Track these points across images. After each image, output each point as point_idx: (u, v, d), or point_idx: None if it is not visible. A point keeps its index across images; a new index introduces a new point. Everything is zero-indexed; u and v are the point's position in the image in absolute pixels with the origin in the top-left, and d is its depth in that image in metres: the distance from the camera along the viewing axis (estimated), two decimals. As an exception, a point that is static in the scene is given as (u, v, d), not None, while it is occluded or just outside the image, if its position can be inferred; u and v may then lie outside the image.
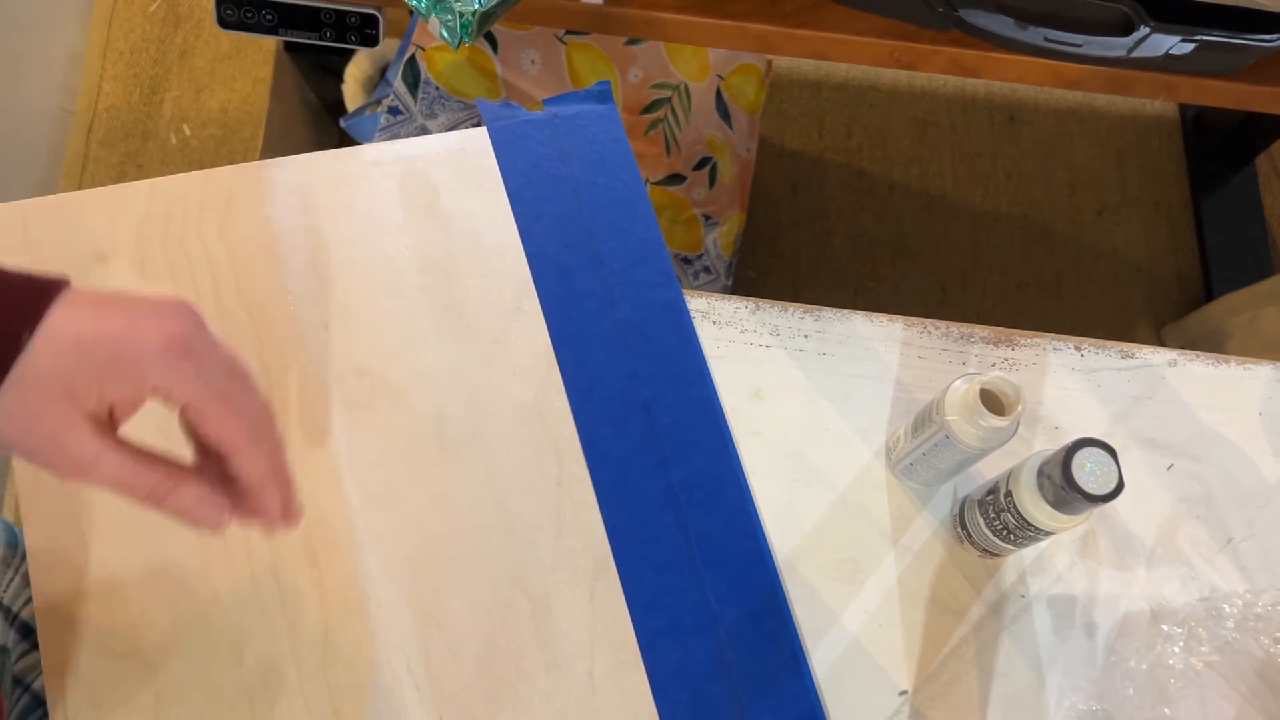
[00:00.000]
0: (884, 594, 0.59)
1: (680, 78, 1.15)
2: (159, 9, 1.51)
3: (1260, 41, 0.78)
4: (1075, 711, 0.57)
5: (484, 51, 1.01)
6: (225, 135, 1.46)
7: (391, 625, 0.53)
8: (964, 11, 0.79)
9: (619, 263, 0.63)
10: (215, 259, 0.59)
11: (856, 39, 0.84)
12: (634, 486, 0.57)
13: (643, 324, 0.61)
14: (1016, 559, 0.60)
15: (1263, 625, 0.59)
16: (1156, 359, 0.66)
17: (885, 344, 0.65)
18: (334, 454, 0.56)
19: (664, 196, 1.18)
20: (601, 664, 0.54)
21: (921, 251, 1.50)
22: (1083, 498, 0.48)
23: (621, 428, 0.59)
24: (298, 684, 0.52)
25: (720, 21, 0.84)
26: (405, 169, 0.64)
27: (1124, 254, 1.52)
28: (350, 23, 0.90)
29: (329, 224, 0.62)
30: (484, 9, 0.71)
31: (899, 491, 0.61)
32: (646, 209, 0.65)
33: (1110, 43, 0.78)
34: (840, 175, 1.53)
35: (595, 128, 0.66)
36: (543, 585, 0.55)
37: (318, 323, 0.59)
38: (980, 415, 0.51)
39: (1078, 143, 1.58)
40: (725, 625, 0.55)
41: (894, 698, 0.57)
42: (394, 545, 0.55)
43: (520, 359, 0.60)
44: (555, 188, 0.64)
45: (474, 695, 0.53)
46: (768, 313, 0.65)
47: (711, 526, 0.57)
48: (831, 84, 1.57)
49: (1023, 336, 0.66)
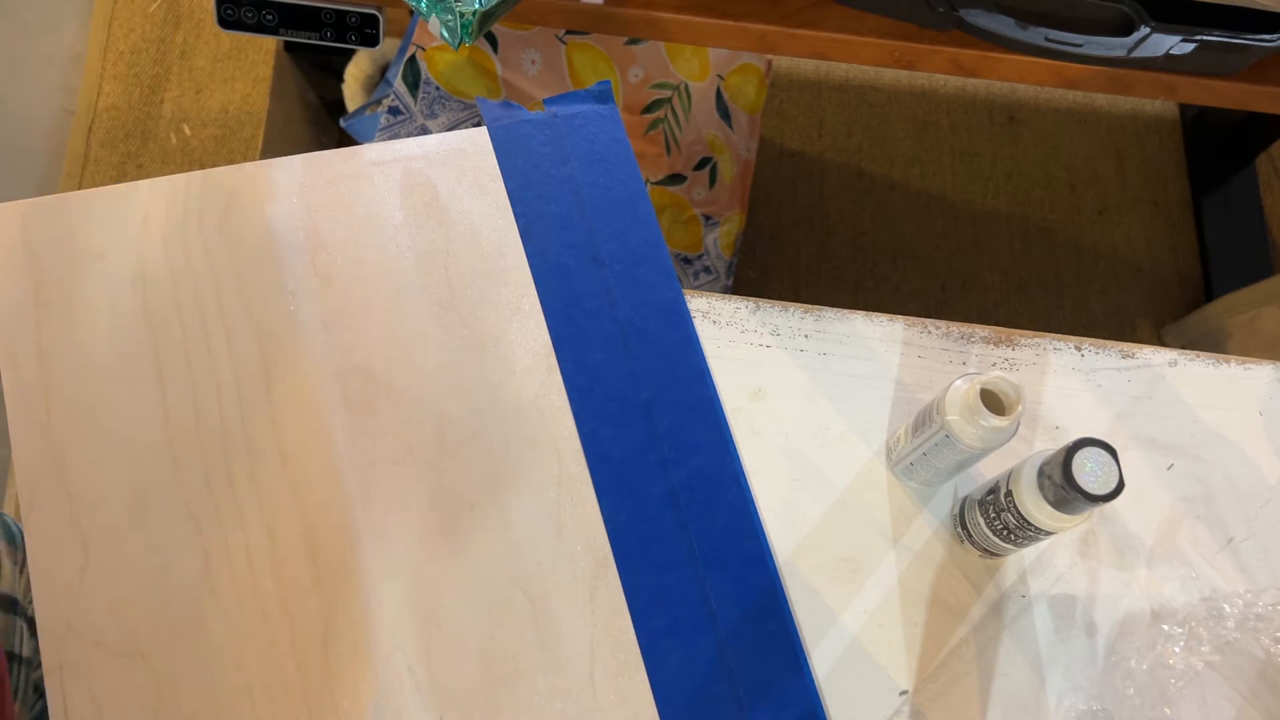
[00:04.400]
0: (884, 594, 0.59)
1: (680, 78, 1.15)
2: (159, 9, 1.51)
3: (1260, 41, 0.78)
4: (1075, 711, 0.57)
5: (484, 51, 1.01)
6: (225, 135, 1.46)
7: (391, 625, 0.53)
8: (964, 11, 0.79)
9: (619, 263, 0.63)
10: (215, 259, 0.59)
11: (856, 39, 0.84)
12: (634, 486, 0.57)
13: (643, 324, 0.61)
14: (1017, 559, 0.60)
15: (1263, 625, 0.59)
16: (1156, 359, 0.66)
17: (885, 344, 0.65)
18: (334, 454, 0.56)
19: (664, 196, 1.18)
20: (601, 664, 0.54)
21: (921, 251, 1.50)
22: (1083, 498, 0.48)
23: (621, 428, 0.59)
24: (298, 684, 0.52)
25: (720, 21, 0.84)
26: (405, 169, 0.64)
27: (1124, 254, 1.52)
28: (350, 23, 0.90)
29: (329, 224, 0.62)
30: (484, 9, 0.71)
31: (899, 491, 0.61)
32: (647, 209, 0.65)
33: (1110, 43, 0.78)
34: (840, 175, 1.53)
35: (596, 127, 0.66)
36: (543, 585, 0.55)
37: (318, 323, 0.59)
38: (980, 415, 0.51)
39: (1078, 143, 1.58)
40: (725, 625, 0.55)
41: (894, 698, 0.57)
42: (394, 545, 0.55)
43: (520, 359, 0.60)
44: (555, 188, 0.64)
45: (474, 695, 0.53)
46: (768, 313, 0.65)
47: (711, 526, 0.57)
48: (831, 84, 1.57)
49: (1023, 336, 0.66)
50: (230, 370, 0.57)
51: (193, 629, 0.52)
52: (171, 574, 0.53)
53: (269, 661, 0.52)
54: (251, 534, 0.54)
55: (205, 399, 0.56)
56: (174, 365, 0.57)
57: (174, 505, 0.54)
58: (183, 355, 0.57)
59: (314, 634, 0.53)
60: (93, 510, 0.53)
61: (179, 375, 0.57)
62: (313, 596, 0.53)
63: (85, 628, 0.51)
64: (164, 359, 0.57)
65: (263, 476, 0.55)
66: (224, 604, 0.53)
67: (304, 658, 0.52)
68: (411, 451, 0.57)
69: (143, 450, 0.55)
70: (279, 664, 0.52)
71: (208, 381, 0.57)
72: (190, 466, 0.55)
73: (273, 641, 0.52)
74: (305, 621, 0.53)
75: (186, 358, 0.57)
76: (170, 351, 0.57)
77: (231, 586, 0.53)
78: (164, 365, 0.57)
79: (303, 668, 0.52)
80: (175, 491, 0.54)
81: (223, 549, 0.54)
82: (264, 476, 0.55)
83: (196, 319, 0.58)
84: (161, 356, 0.57)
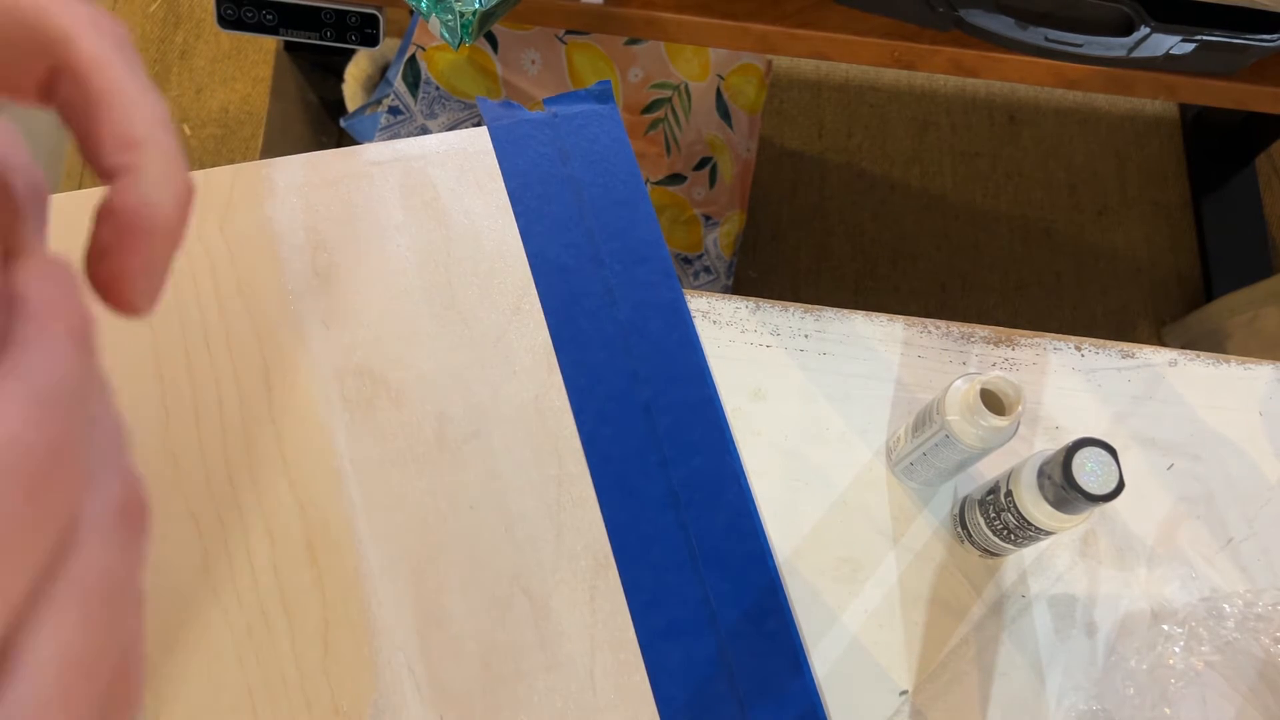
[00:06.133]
0: (884, 594, 0.59)
1: (680, 78, 1.15)
2: (159, 9, 1.51)
3: (1260, 41, 0.78)
4: (1075, 711, 0.57)
5: (484, 51, 1.01)
6: (225, 135, 1.46)
7: (391, 625, 0.53)
8: (964, 11, 0.79)
9: (619, 263, 0.63)
10: (215, 258, 0.59)
11: (856, 39, 0.84)
12: (634, 486, 0.57)
13: (643, 324, 0.61)
14: (1017, 559, 0.60)
15: (1263, 625, 0.59)
16: (1156, 359, 0.66)
17: (885, 344, 0.65)
18: (334, 454, 0.56)
19: (664, 196, 1.18)
20: (601, 664, 0.54)
21: (921, 251, 1.50)
22: (1083, 497, 0.48)
23: (621, 428, 0.59)
24: (298, 684, 0.52)
25: (720, 21, 0.84)
26: (405, 169, 0.64)
27: (1124, 254, 1.52)
28: (350, 23, 0.90)
29: (329, 224, 0.62)
30: (484, 9, 0.71)
31: (899, 491, 0.61)
32: (647, 209, 0.65)
33: (1110, 43, 0.78)
34: (840, 175, 1.53)
35: (596, 127, 0.66)
36: (543, 585, 0.55)
37: (318, 323, 0.59)
38: (981, 415, 0.51)
39: (1078, 143, 1.58)
40: (725, 625, 0.55)
41: (894, 698, 0.57)
42: (394, 545, 0.55)
43: (520, 359, 0.60)
44: (555, 187, 0.64)
45: (474, 695, 0.53)
46: (768, 313, 0.65)
47: (711, 526, 0.57)
48: (831, 84, 1.57)
49: (1023, 336, 0.66)
50: (230, 370, 0.57)
51: (192, 628, 0.52)
52: (171, 572, 0.53)
53: (269, 661, 0.52)
54: (251, 534, 0.54)
55: (205, 399, 0.56)
56: (174, 365, 0.57)
57: (174, 505, 0.54)
58: (183, 355, 0.57)
59: (314, 634, 0.53)
60: (93, 510, 0.53)
61: (179, 375, 0.57)
62: (313, 596, 0.53)
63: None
64: (164, 359, 0.57)
65: (263, 476, 0.55)
66: (224, 604, 0.53)
67: (304, 658, 0.52)
68: (411, 451, 0.57)
69: (142, 450, 0.55)
70: (279, 664, 0.52)
71: (208, 381, 0.57)
72: (190, 466, 0.55)
73: (273, 641, 0.52)
74: (305, 621, 0.53)
75: (186, 357, 0.57)
76: (170, 351, 0.57)
77: (231, 586, 0.53)
78: (164, 365, 0.57)
79: (303, 668, 0.52)
80: (175, 491, 0.54)
81: (223, 549, 0.54)
82: (264, 476, 0.55)
83: (196, 319, 0.58)
84: (161, 356, 0.57)
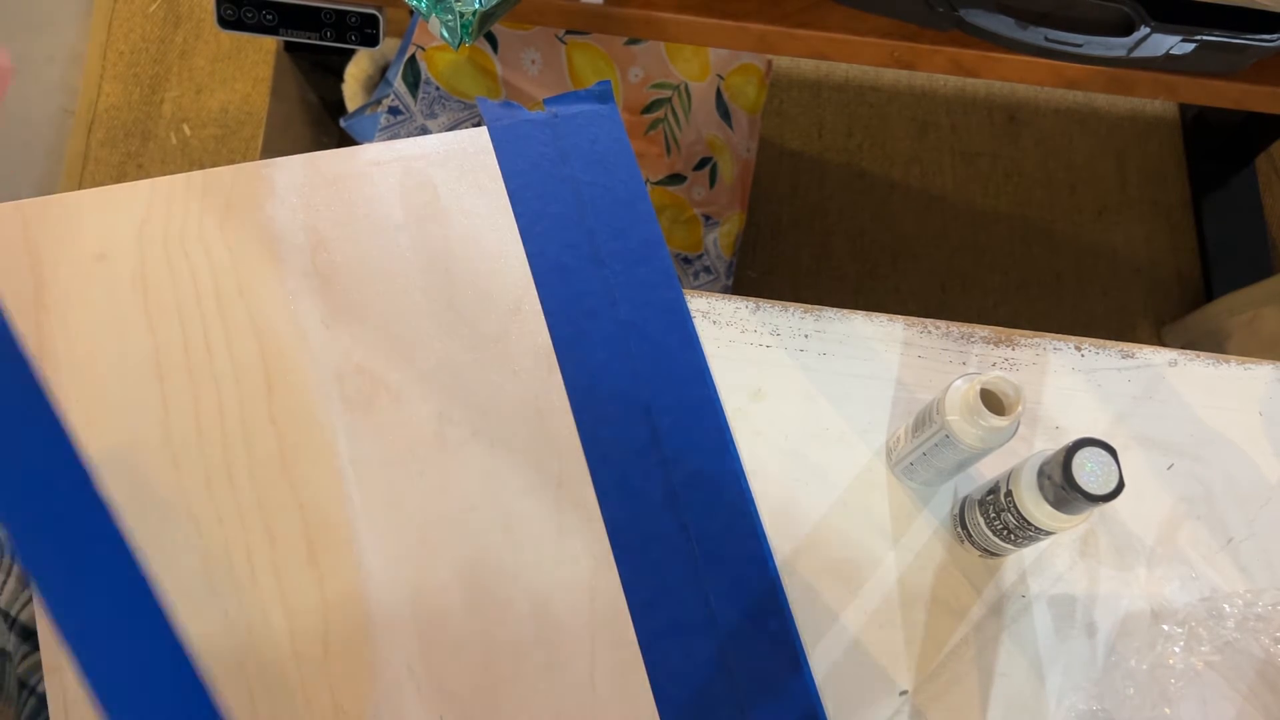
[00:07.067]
0: (884, 594, 0.59)
1: (680, 77, 1.15)
2: (159, 9, 1.51)
3: (1260, 41, 0.78)
4: (1075, 711, 0.57)
5: (484, 51, 1.01)
6: (225, 135, 1.46)
7: (391, 625, 0.53)
8: (964, 11, 0.79)
9: (619, 263, 0.63)
10: (215, 259, 0.59)
11: (856, 39, 0.84)
12: (634, 486, 0.57)
13: (643, 324, 0.61)
14: (1016, 559, 0.60)
15: (1263, 625, 0.59)
16: (1156, 359, 0.66)
17: (885, 344, 0.65)
18: (334, 454, 0.56)
19: (664, 196, 1.18)
20: (601, 664, 0.54)
21: (921, 251, 1.50)
22: (1083, 498, 0.48)
23: (621, 428, 0.59)
24: (298, 684, 0.52)
25: (720, 21, 0.84)
26: (405, 169, 0.64)
27: (1124, 254, 1.52)
28: (350, 23, 0.90)
29: (329, 224, 0.62)
30: (484, 9, 0.71)
31: (899, 491, 0.61)
32: (647, 209, 0.65)
33: (1110, 43, 0.78)
34: (840, 175, 1.53)
35: (596, 127, 0.66)
36: (543, 585, 0.55)
37: (318, 322, 0.59)
38: (980, 415, 0.51)
39: (1078, 143, 1.58)
40: (725, 625, 0.55)
41: (894, 698, 0.57)
42: (394, 545, 0.55)
43: (520, 359, 0.60)
44: (555, 187, 0.64)
45: (474, 695, 0.53)
46: (768, 313, 0.65)
47: (711, 526, 0.57)
48: (831, 84, 1.57)
49: (1023, 336, 0.66)
50: (230, 370, 0.57)
51: (192, 629, 0.52)
52: (171, 573, 0.53)
53: (269, 662, 0.52)
54: (251, 534, 0.54)
55: (205, 399, 0.56)
56: (174, 365, 0.57)
57: (174, 505, 0.54)
58: (183, 355, 0.57)
59: (314, 634, 0.53)
60: (93, 510, 0.53)
61: (179, 375, 0.57)
62: (313, 596, 0.53)
63: (85, 628, 0.51)
64: (164, 359, 0.57)
65: (263, 476, 0.55)
66: (224, 603, 0.53)
67: (304, 657, 0.52)
68: (411, 451, 0.57)
69: (143, 450, 0.55)
70: (279, 664, 0.52)
71: (208, 381, 0.57)
72: (190, 466, 0.55)
73: (273, 641, 0.52)
74: (305, 621, 0.53)
75: (186, 357, 0.57)
76: (170, 351, 0.57)
77: (232, 586, 0.53)
78: (164, 365, 0.57)
79: (303, 668, 0.52)
80: (175, 491, 0.54)
81: (223, 549, 0.54)
82: (264, 476, 0.55)
83: (196, 319, 0.58)
84: (161, 356, 0.57)
